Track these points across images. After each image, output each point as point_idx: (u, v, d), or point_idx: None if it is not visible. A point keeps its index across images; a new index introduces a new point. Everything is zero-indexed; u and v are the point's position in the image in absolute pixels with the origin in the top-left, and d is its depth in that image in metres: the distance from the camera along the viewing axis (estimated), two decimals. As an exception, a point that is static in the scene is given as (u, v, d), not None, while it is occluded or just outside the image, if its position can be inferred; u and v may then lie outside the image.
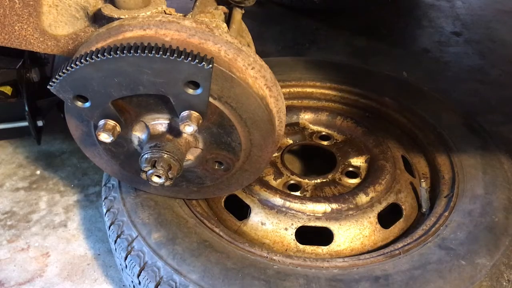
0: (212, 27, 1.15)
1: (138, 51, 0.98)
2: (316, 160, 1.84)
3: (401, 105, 1.80)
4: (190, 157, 1.25)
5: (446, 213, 1.38)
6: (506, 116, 2.28)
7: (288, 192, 1.51)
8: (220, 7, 1.45)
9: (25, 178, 1.96)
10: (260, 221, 1.43)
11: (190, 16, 1.28)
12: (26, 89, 1.84)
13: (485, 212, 1.35)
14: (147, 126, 1.18)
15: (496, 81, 2.60)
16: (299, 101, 1.90)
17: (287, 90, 1.88)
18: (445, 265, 1.21)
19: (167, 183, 1.15)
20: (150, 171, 1.14)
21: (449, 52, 2.89)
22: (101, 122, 1.11)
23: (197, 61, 0.98)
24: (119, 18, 1.19)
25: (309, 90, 1.91)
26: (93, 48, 1.04)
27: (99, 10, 1.24)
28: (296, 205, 1.43)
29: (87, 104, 1.08)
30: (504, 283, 1.22)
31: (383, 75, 1.95)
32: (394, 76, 2.00)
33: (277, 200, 1.44)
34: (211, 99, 1.10)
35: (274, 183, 1.55)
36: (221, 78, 1.08)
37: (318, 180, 1.57)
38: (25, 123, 1.92)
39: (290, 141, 1.75)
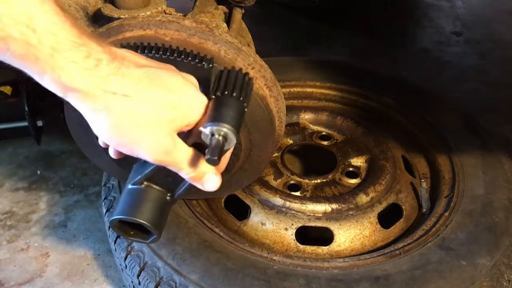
0: (212, 27, 1.15)
1: (138, 50, 0.98)
2: (316, 160, 1.84)
3: (401, 105, 1.79)
4: (190, 157, 1.24)
5: (447, 213, 1.38)
6: (506, 116, 2.28)
7: (288, 192, 1.51)
8: (220, 7, 1.45)
9: (25, 178, 1.96)
10: (260, 221, 1.43)
11: (190, 16, 1.28)
12: (26, 89, 1.84)
13: (485, 212, 1.35)
14: (147, 126, 1.18)
15: (496, 81, 2.59)
16: (299, 101, 1.90)
17: (287, 90, 1.88)
18: (445, 265, 1.21)
19: (167, 183, 1.15)
20: (150, 171, 1.13)
21: (449, 52, 2.89)
22: (101, 122, 1.11)
23: (197, 61, 0.98)
24: (119, 18, 1.18)
25: (309, 90, 1.91)
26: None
27: (99, 10, 1.24)
28: (296, 205, 1.43)
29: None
30: (505, 283, 1.22)
31: (383, 75, 1.95)
32: (394, 76, 2.00)
33: (277, 200, 1.44)
34: (211, 99, 1.09)
35: (274, 183, 1.55)
36: (221, 78, 1.08)
37: (318, 180, 1.57)
38: (25, 123, 1.92)
39: (290, 141, 1.75)
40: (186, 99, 0.78)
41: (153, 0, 1.25)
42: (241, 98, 0.77)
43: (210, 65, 0.98)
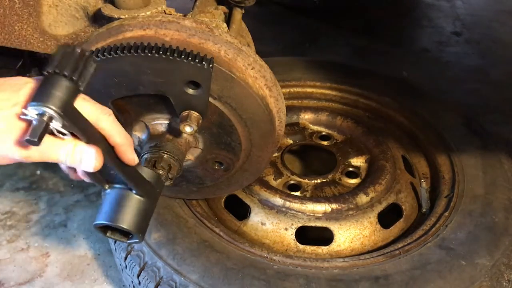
0: (212, 27, 1.15)
1: (138, 50, 0.98)
2: (316, 160, 1.84)
3: (401, 105, 1.79)
4: (190, 157, 1.25)
5: (446, 213, 1.38)
6: (506, 116, 2.28)
7: (288, 192, 1.51)
8: (220, 7, 1.45)
9: (25, 178, 1.96)
10: (260, 221, 1.43)
11: (190, 16, 1.28)
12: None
13: (485, 212, 1.35)
14: (147, 126, 1.18)
15: (496, 81, 2.60)
16: (299, 101, 1.90)
17: (287, 90, 1.88)
18: (445, 265, 1.21)
19: (167, 183, 1.15)
20: (150, 171, 1.13)
21: (449, 52, 2.89)
22: (101, 122, 1.11)
23: (197, 61, 0.98)
24: (119, 18, 1.18)
25: (309, 90, 1.91)
26: (93, 48, 1.04)
27: (99, 10, 1.24)
28: (296, 205, 1.43)
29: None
30: (504, 283, 1.22)
31: (383, 75, 1.95)
32: (394, 76, 2.00)
33: (277, 200, 1.44)
34: (211, 99, 1.10)
35: (274, 183, 1.55)
36: (221, 78, 1.08)
37: (318, 180, 1.57)
38: (25, 123, 1.92)
39: (290, 141, 1.75)
40: (24, 93, 0.76)
41: (153, 0, 1.25)
42: (73, 78, 0.74)
43: (210, 65, 0.99)
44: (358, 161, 1.64)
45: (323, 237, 1.42)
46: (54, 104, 0.70)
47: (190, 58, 0.98)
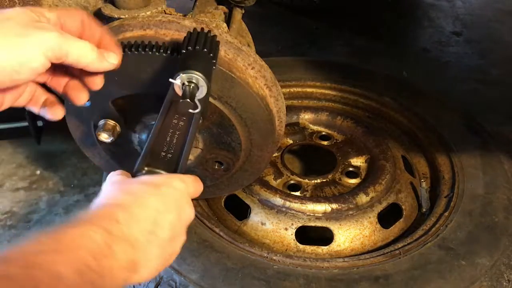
0: (212, 27, 1.15)
1: (139, 49, 0.98)
2: (316, 160, 1.84)
3: (401, 105, 1.79)
4: (190, 157, 1.25)
5: (446, 213, 1.38)
6: (506, 116, 2.28)
7: (288, 192, 1.51)
8: (220, 7, 1.45)
9: (25, 178, 1.96)
10: (260, 221, 1.43)
11: (190, 16, 1.28)
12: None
13: (485, 212, 1.35)
14: (147, 126, 1.18)
15: (496, 81, 2.60)
16: (299, 101, 1.90)
17: (287, 90, 1.88)
18: (445, 265, 1.21)
19: (167, 183, 1.15)
20: (150, 171, 1.13)
21: (449, 52, 2.89)
22: (101, 122, 1.11)
23: (198, 61, 0.98)
24: (119, 18, 1.19)
25: (309, 90, 1.91)
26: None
27: (99, 10, 1.24)
28: (296, 205, 1.43)
29: (87, 104, 1.08)
30: (504, 283, 1.22)
31: (383, 75, 1.95)
32: (394, 76, 2.00)
33: (277, 200, 1.44)
34: (211, 99, 1.10)
35: (274, 183, 1.55)
36: (221, 78, 1.08)
37: (318, 180, 1.57)
38: (25, 123, 1.92)
39: (290, 141, 1.75)
40: None
41: (153, 0, 1.25)
42: (211, 54, 0.83)
43: (211, 65, 0.99)
44: (358, 161, 1.64)
45: (323, 237, 1.42)
46: (204, 73, 0.78)
47: (190, 58, 0.98)
